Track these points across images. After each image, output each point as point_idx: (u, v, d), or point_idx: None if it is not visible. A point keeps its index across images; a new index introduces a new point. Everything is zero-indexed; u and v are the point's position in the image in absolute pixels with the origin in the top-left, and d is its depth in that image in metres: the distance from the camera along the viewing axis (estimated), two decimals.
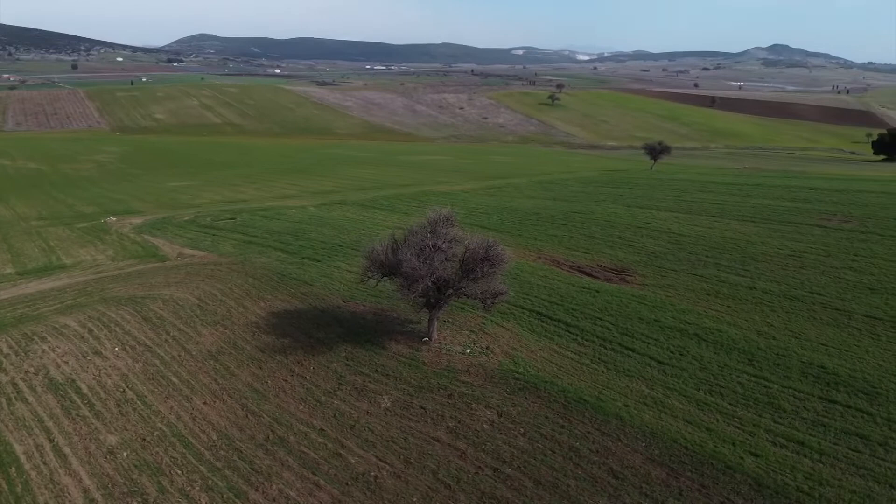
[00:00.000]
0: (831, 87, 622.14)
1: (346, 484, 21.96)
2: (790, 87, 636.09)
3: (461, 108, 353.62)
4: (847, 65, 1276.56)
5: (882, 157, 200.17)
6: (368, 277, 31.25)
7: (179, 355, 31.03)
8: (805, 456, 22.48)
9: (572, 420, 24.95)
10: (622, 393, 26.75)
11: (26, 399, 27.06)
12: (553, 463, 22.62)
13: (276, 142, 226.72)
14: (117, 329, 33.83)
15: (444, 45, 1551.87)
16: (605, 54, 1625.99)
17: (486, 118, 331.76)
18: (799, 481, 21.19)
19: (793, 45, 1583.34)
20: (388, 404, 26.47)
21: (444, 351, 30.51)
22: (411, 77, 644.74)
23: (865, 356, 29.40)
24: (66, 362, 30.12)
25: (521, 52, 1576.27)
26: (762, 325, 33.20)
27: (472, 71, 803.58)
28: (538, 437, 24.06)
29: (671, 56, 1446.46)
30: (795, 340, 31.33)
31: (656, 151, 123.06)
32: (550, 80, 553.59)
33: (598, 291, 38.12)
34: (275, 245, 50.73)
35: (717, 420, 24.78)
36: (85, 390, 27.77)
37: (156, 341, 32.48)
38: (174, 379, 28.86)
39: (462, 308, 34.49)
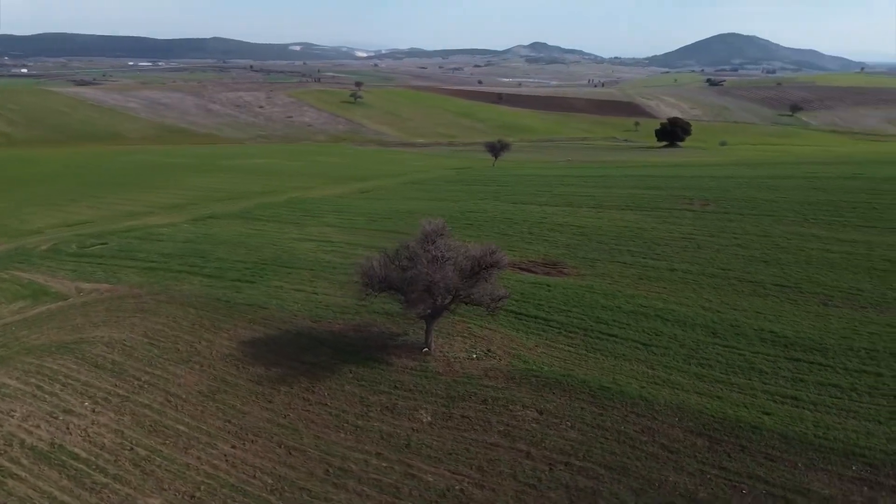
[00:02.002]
0: (587, 81, 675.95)
1: (436, 502, 21.96)
2: (554, 82, 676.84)
3: (261, 107, 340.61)
4: (598, 60, 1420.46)
5: (664, 143, 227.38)
6: (367, 294, 30.72)
7: (168, 401, 28.21)
8: (803, 408, 26.52)
9: (606, 407, 26.94)
10: (632, 376, 29.29)
11: (17, 475, 23.16)
12: (611, 448, 24.43)
13: (61, 151, 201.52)
14: (71, 381, 29.74)
15: (216, 39, 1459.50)
16: (383, 51, 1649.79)
17: (290, 117, 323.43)
18: (811, 429, 25.03)
19: (550, 43, 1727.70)
20: (430, 418, 26.55)
21: (451, 359, 30.98)
22: (184, 74, 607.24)
23: (797, 319, 34.87)
24: (38, 426, 26.08)
25: (298, 47, 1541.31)
26: (703, 302, 37.79)
27: (252, 67, 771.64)
28: (585, 427, 25.73)
29: (444, 54, 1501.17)
30: (736, 312, 36.18)
31: (497, 149, 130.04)
32: (335, 77, 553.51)
33: (549, 286, 40.63)
34: (186, 269, 46.84)
35: (721, 388, 28.21)
36: (84, 455, 24.38)
37: (129, 389, 29.12)
38: (180, 427, 26.29)
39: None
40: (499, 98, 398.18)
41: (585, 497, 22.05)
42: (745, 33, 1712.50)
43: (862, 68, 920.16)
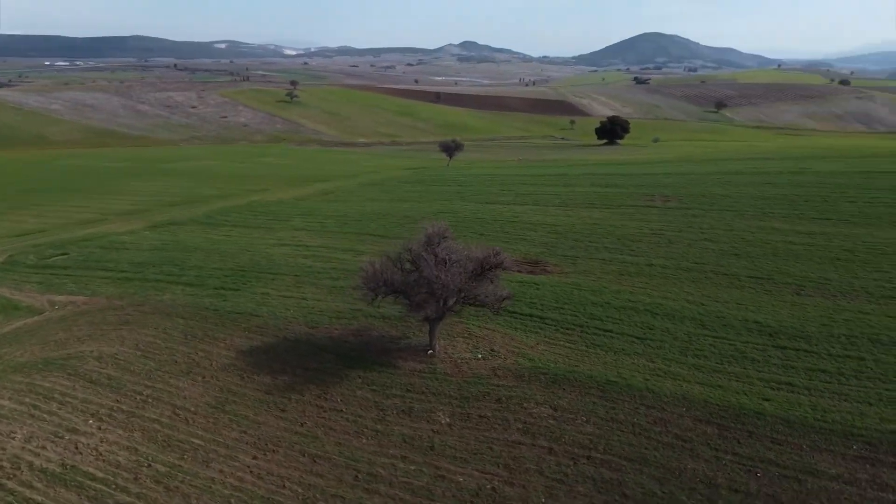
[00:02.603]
0: (519, 80, 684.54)
1: (472, 502, 22.33)
2: (486, 81, 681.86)
3: (194, 108, 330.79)
4: (527, 59, 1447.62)
5: (604, 141, 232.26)
6: (373, 298, 30.79)
7: (177, 414, 27.60)
8: (799, 394, 28.10)
9: (616, 401, 27.86)
10: (634, 370, 30.34)
11: (33, 499, 22.29)
12: (628, 440, 25.33)
13: None
14: (69, 399, 28.72)
15: (136, 37, 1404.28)
16: (312, 49, 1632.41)
17: (225, 117, 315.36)
18: (809, 413, 26.57)
19: (480, 42, 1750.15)
20: (448, 419, 26.88)
21: (457, 360, 31.37)
22: (105, 73, 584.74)
23: (776, 308, 36.73)
24: (43, 447, 25.12)
25: (223, 45, 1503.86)
26: (685, 295, 39.35)
27: (175, 66, 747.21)
28: (600, 421, 26.56)
29: (375, 52, 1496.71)
30: (718, 304, 37.83)
31: (451, 148, 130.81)
32: (264, 76, 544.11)
33: (537, 284, 41.49)
34: (163, 279, 45.60)
35: (719, 378, 29.55)
36: (100, 474, 23.64)
37: (133, 405, 28.33)
38: (195, 440, 25.79)
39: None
40: (437, 97, 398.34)
41: (612, 488, 22.83)
42: (667, 32, 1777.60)
43: (779, 65, 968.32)
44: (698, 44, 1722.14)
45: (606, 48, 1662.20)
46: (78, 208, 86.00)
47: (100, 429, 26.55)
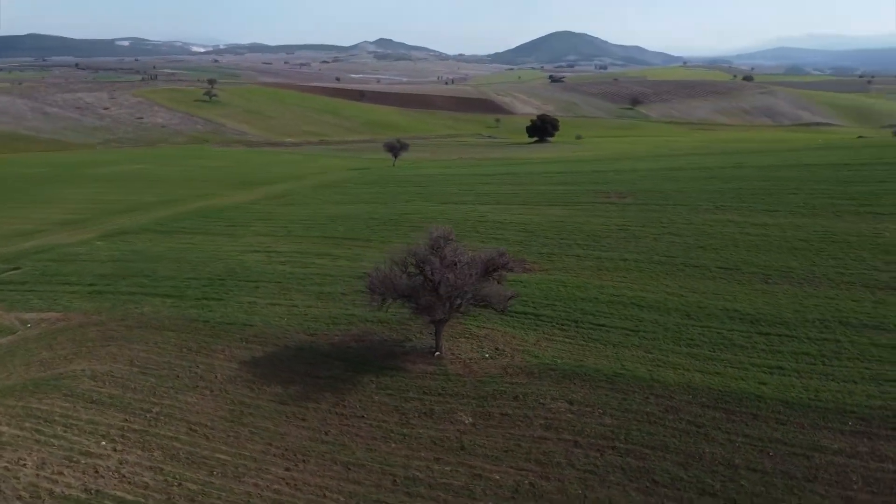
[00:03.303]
0: (437, 78, 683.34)
1: (513, 498, 22.99)
2: (404, 78, 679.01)
3: (106, 109, 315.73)
4: (443, 57, 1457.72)
5: (535, 139, 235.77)
6: (383, 303, 30.95)
7: (193, 430, 27.02)
8: (790, 376, 30.13)
9: (627, 392, 29.12)
10: (635, 361, 31.72)
11: None
12: (646, 429, 26.57)
13: None
14: (73, 421, 27.61)
15: (33, 36, 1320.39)
16: (222, 46, 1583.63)
17: (141, 118, 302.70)
18: (804, 394, 28.55)
19: (396, 40, 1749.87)
20: (471, 420, 27.42)
21: (465, 360, 31.94)
22: (2, 74, 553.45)
23: (751, 297, 38.99)
24: (60, 473, 24.13)
25: (127, 43, 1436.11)
26: (664, 288, 41.21)
27: (77, 65, 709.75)
28: (616, 412, 27.73)
29: (288, 49, 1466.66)
30: (697, 295, 39.85)
31: (396, 148, 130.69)
32: (173, 74, 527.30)
33: (524, 282, 42.42)
34: (137, 291, 44.02)
35: (715, 365, 31.29)
36: (130, 497, 22.95)
37: (144, 423, 27.53)
38: (220, 456, 25.36)
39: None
40: (361, 95, 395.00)
41: (642, 475, 23.98)
42: (577, 31, 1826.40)
43: (684, 62, 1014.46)
44: (607, 42, 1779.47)
45: (520, 46, 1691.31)
46: (12, 219, 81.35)
47: (115, 450, 25.70)
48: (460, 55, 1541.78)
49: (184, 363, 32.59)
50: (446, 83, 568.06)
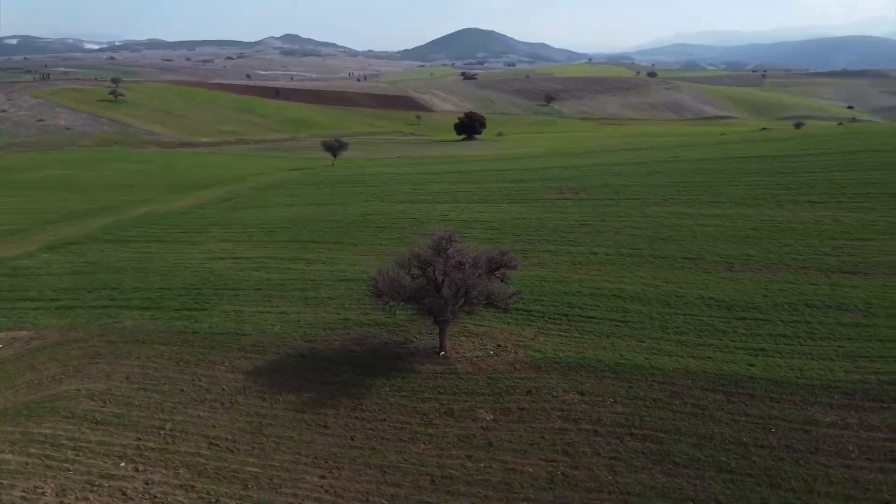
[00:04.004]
0: (348, 74, 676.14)
1: (550, 489, 23.95)
2: (314, 75, 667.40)
3: (4, 111, 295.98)
4: (352, 53, 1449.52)
5: (462, 136, 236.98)
6: (392, 306, 31.24)
7: (215, 444, 26.54)
8: (774, 357, 32.48)
9: (631, 381, 30.64)
10: (632, 350, 33.35)
11: None
12: (657, 415, 28.14)
13: None
14: (81, 444, 26.55)
15: None
16: (117, 42, 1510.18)
17: (43, 120, 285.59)
18: (790, 373, 30.86)
19: (303, 36, 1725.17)
20: (492, 416, 28.20)
21: (471, 358, 32.66)
22: None
23: (721, 285, 41.53)
24: (86, 499, 23.25)
25: (14, 41, 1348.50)
26: (639, 279, 43.27)
27: None
28: (626, 400, 29.18)
29: (189, 45, 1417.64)
30: (671, 285, 42.08)
31: (335, 148, 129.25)
32: (67, 73, 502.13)
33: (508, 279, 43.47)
34: (109, 304, 42.20)
35: (705, 350, 33.32)
36: None
37: (160, 441, 26.79)
38: (250, 469, 25.08)
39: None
40: (277, 93, 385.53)
41: (663, 459, 25.46)
42: (485, 28, 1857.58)
43: (589, 59, 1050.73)
44: (514, 39, 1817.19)
45: (430, 43, 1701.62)
46: None
47: (137, 470, 24.96)
48: (370, 51, 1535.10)
49: (184, 377, 31.78)
50: (358, 80, 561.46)
